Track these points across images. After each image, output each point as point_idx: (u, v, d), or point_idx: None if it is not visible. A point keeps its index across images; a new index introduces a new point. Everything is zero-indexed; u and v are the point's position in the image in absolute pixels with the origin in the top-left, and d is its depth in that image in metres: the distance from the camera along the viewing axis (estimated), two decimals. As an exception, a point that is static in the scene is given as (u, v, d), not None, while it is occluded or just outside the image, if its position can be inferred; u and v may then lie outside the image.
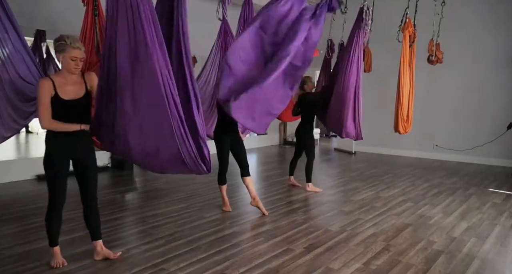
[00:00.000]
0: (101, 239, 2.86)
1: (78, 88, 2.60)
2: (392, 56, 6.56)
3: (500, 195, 5.00)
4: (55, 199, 2.62)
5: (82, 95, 2.61)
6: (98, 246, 2.83)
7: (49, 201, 2.64)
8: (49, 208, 2.65)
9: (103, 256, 2.84)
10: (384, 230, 3.61)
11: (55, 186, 2.60)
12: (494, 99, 7.14)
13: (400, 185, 5.49)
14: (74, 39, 2.49)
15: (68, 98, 2.54)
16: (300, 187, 5.14)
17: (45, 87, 2.47)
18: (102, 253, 2.84)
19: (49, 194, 2.63)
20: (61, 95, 2.51)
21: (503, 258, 3.05)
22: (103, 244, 2.88)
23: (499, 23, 6.99)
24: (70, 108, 2.56)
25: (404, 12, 5.03)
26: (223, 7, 4.44)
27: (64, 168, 2.61)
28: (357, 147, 8.54)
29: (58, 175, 2.59)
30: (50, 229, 2.69)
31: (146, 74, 2.31)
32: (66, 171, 2.62)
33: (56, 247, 2.74)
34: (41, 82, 2.49)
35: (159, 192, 4.88)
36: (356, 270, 2.76)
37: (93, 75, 2.70)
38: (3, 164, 5.25)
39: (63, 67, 2.53)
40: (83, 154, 2.69)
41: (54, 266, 2.68)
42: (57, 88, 2.51)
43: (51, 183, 2.61)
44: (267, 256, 2.95)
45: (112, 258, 2.84)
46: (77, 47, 2.48)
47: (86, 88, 2.64)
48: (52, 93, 2.49)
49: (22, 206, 4.13)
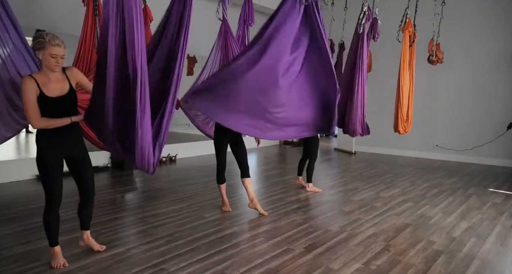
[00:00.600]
0: (89, 230, 2.97)
1: (62, 85, 2.59)
2: (392, 56, 6.57)
3: (500, 195, 5.00)
4: (51, 198, 2.62)
5: (66, 91, 2.59)
6: (85, 235, 2.96)
7: (45, 201, 2.64)
8: (46, 208, 2.65)
9: (87, 245, 2.97)
10: (384, 230, 3.61)
11: (50, 185, 2.60)
12: (494, 99, 7.14)
13: (400, 185, 5.49)
14: (53, 36, 2.45)
15: (54, 96, 2.53)
16: (306, 187, 5.16)
17: (29, 86, 2.44)
18: (88, 242, 2.96)
19: (45, 194, 2.63)
20: (47, 94, 2.49)
21: (503, 258, 3.05)
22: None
23: (499, 23, 6.99)
24: (57, 106, 2.55)
25: (404, 12, 5.03)
26: (223, 7, 4.43)
27: (57, 167, 2.61)
28: (357, 147, 8.54)
29: (52, 174, 2.59)
30: (48, 229, 2.69)
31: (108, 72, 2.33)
32: (60, 169, 2.63)
33: (56, 247, 2.74)
34: (24, 81, 2.45)
35: (159, 192, 4.88)
36: (356, 270, 2.76)
37: (75, 70, 2.70)
38: (3, 164, 5.25)
39: (44, 65, 2.50)
40: (75, 150, 2.70)
41: (54, 266, 2.68)
42: (42, 86, 2.48)
43: (46, 182, 2.61)
44: (267, 256, 2.96)
45: (96, 250, 2.95)
46: (56, 44, 2.44)
47: (70, 84, 2.63)
48: (37, 92, 2.46)
49: (22, 206, 4.13)
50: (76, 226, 3.37)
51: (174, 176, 5.77)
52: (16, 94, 3.14)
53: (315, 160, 5.02)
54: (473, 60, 7.29)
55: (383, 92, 7.88)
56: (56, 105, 2.54)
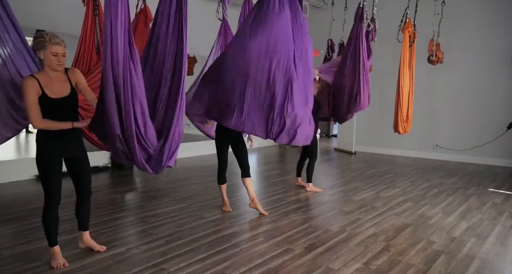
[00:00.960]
0: (88, 230, 2.96)
1: (64, 86, 2.58)
2: (392, 56, 6.57)
3: (500, 195, 5.00)
4: (51, 198, 2.62)
5: (68, 92, 2.59)
6: (85, 236, 2.95)
7: (44, 200, 2.65)
8: (45, 208, 2.66)
9: (87, 246, 2.96)
10: (384, 230, 3.61)
11: (50, 185, 2.60)
12: (494, 99, 7.14)
13: (400, 185, 5.49)
14: (53, 35, 2.46)
15: (56, 97, 2.52)
16: (305, 187, 5.16)
17: (31, 86, 2.43)
18: (88, 243, 2.95)
19: (44, 193, 2.64)
20: (49, 94, 2.49)
21: (503, 258, 3.05)
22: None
23: (499, 23, 6.99)
24: (58, 106, 2.54)
25: (404, 12, 5.04)
26: (223, 7, 4.44)
27: (57, 167, 2.61)
28: (357, 147, 8.53)
29: (51, 173, 2.59)
30: (48, 229, 2.69)
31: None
32: (59, 169, 2.63)
33: (56, 247, 2.73)
34: (26, 81, 2.43)
35: (159, 192, 4.88)
36: (356, 270, 2.76)
37: (77, 72, 2.68)
38: (3, 164, 5.25)
39: (45, 64, 2.50)
40: (75, 151, 2.70)
41: (54, 266, 2.68)
42: (44, 87, 2.47)
43: (45, 182, 2.61)
44: (267, 256, 2.96)
45: (96, 250, 2.94)
46: (56, 43, 2.44)
47: (71, 85, 2.62)
48: (39, 92, 2.45)
49: (22, 206, 4.13)
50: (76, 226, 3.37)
51: (174, 176, 5.77)
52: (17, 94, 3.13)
53: (315, 160, 5.02)
54: (473, 60, 7.29)
55: (383, 92, 7.87)
56: (58, 106, 2.54)
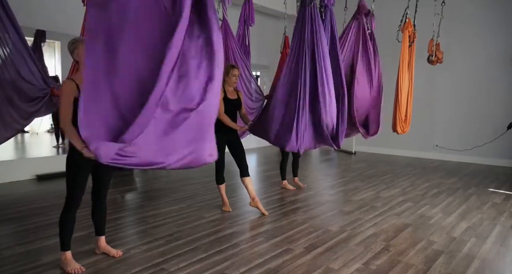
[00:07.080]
0: (104, 235, 2.93)
1: None
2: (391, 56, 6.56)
3: (500, 195, 5.00)
4: (72, 199, 2.59)
5: None
6: (100, 241, 2.92)
7: (65, 201, 2.61)
8: (65, 209, 2.61)
9: (103, 251, 2.92)
10: (384, 230, 3.61)
11: (75, 187, 2.57)
12: (494, 99, 7.14)
13: (400, 185, 5.49)
14: (83, 38, 2.55)
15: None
16: (303, 188, 5.16)
17: (69, 89, 2.44)
18: (103, 248, 2.91)
19: (67, 194, 2.60)
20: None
21: (503, 258, 3.05)
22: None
23: (499, 23, 6.99)
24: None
25: (404, 12, 5.03)
26: (223, 7, 4.44)
27: (87, 171, 2.59)
28: (357, 147, 8.54)
29: (78, 176, 2.56)
30: (64, 230, 2.63)
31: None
32: (88, 173, 2.61)
33: (68, 252, 2.67)
34: (66, 84, 2.47)
35: (159, 192, 4.88)
36: (356, 270, 2.76)
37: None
38: (3, 164, 5.24)
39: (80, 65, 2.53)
40: None
41: (72, 273, 2.60)
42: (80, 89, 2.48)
43: (72, 183, 2.58)
44: (267, 256, 2.96)
45: (112, 255, 2.88)
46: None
47: None
48: (75, 94, 2.44)
49: (22, 206, 4.13)
50: (79, 226, 3.38)
51: (174, 176, 5.77)
52: (16, 94, 3.14)
53: (287, 161, 5.19)
54: (473, 60, 7.29)
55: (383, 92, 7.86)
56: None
